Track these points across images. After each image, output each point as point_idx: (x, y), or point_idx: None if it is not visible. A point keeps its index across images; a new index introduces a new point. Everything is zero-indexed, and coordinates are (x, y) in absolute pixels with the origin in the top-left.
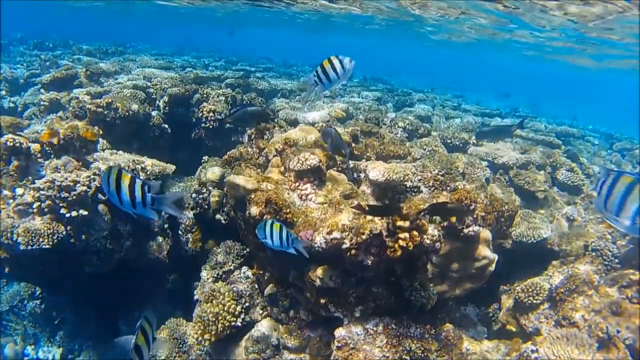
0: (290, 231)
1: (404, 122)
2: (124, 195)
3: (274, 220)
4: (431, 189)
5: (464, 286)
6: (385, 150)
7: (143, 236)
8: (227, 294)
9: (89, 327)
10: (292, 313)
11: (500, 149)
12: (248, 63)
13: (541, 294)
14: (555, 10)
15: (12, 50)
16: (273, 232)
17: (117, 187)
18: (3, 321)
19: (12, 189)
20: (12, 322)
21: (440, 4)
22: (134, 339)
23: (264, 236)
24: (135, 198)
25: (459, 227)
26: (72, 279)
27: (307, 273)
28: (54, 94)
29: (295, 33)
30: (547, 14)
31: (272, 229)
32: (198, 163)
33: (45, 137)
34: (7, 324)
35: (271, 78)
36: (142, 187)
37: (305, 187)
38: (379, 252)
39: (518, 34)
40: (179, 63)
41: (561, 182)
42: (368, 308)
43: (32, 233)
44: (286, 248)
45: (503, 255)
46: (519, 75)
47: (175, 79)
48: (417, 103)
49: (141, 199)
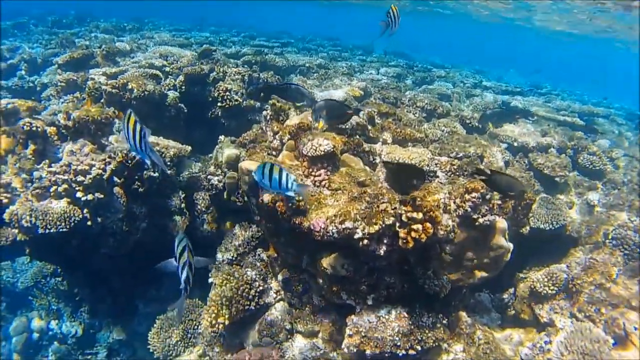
0: (291, 174)
1: (423, 102)
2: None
3: (273, 164)
4: (448, 173)
5: (479, 275)
6: (402, 134)
7: (159, 217)
8: (241, 277)
9: (107, 304)
10: (305, 298)
11: (520, 130)
12: (266, 38)
13: (557, 284)
14: None
15: (32, 28)
16: (273, 175)
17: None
18: (29, 296)
19: (30, 173)
20: (37, 297)
21: None
22: (186, 258)
23: (262, 178)
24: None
25: (474, 217)
26: (90, 259)
27: (319, 260)
28: (70, 75)
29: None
30: None
31: (271, 171)
32: (214, 142)
33: (62, 119)
34: (32, 299)
35: (289, 54)
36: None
37: (319, 173)
38: (392, 242)
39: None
40: (196, 39)
41: (582, 166)
42: (380, 296)
43: (50, 216)
44: (285, 191)
45: (520, 241)
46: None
47: (191, 58)
48: (436, 80)
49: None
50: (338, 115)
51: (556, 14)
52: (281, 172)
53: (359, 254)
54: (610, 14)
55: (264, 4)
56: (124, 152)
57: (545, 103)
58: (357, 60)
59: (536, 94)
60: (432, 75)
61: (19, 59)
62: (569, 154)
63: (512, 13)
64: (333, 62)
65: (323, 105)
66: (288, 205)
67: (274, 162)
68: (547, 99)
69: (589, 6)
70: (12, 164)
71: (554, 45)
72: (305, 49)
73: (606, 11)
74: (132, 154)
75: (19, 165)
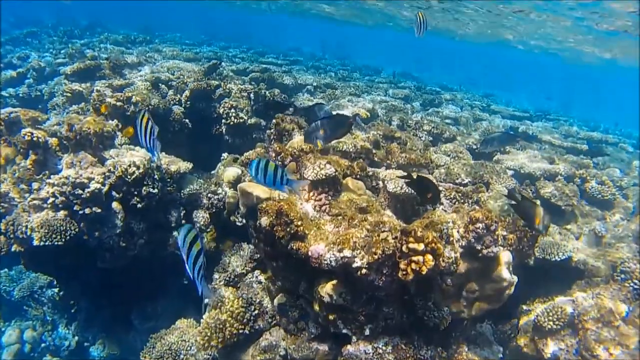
0: (286, 170)
1: (429, 125)
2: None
3: (268, 159)
4: (452, 200)
5: (481, 307)
6: (407, 159)
7: (158, 233)
8: (237, 301)
9: (103, 318)
10: (300, 325)
11: (527, 157)
12: (275, 55)
13: (562, 319)
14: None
15: (44, 38)
16: (268, 171)
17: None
18: (24, 306)
19: (29, 183)
20: (32, 307)
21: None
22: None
23: (256, 174)
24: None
25: (478, 248)
26: (86, 273)
27: (316, 287)
28: (76, 86)
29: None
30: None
31: (266, 166)
32: (218, 158)
33: (64, 130)
34: (27, 309)
35: (297, 72)
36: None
37: (320, 197)
38: (391, 273)
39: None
40: (205, 54)
41: (590, 195)
42: (378, 327)
43: (45, 229)
44: (279, 187)
45: (524, 272)
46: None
47: (197, 73)
48: (444, 103)
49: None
50: (338, 128)
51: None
52: (276, 168)
53: (357, 282)
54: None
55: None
56: (124, 166)
57: (554, 128)
58: (366, 81)
59: (545, 119)
60: (440, 98)
61: (27, 68)
62: (577, 183)
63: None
64: (341, 82)
65: (319, 125)
66: (286, 230)
67: None
68: (556, 124)
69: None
70: (12, 174)
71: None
72: (314, 67)
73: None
74: (131, 169)
75: (18, 175)
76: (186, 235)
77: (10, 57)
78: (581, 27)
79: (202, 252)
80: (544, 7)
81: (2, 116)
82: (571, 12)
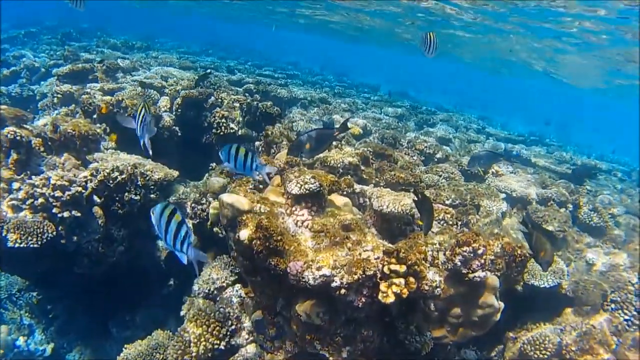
0: (257, 156)
1: (422, 145)
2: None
3: (240, 145)
4: (441, 222)
5: (465, 333)
6: (396, 177)
7: (139, 241)
8: (213, 314)
9: (80, 325)
10: (277, 343)
11: (520, 182)
12: (273, 68)
13: (549, 349)
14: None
15: (42, 38)
16: (238, 156)
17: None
18: (0, 309)
19: (9, 183)
20: (9, 310)
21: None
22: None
23: (227, 158)
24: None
25: (464, 272)
26: (64, 278)
27: (294, 305)
28: (67, 87)
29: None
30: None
31: (237, 152)
32: (207, 168)
33: (49, 131)
34: (3, 312)
35: (293, 86)
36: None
37: (302, 212)
38: (371, 294)
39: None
40: (202, 64)
41: (582, 222)
42: (357, 349)
43: (21, 230)
44: (248, 172)
45: (512, 298)
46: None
47: (188, 81)
48: (439, 123)
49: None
50: (322, 142)
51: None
52: (246, 153)
53: (336, 302)
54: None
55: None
56: (107, 171)
57: (548, 153)
58: (362, 98)
59: (539, 143)
60: (435, 119)
61: (21, 67)
62: (569, 209)
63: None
64: (336, 98)
65: (305, 139)
66: (265, 245)
67: (258, 198)
68: (550, 149)
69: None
70: None
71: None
72: (310, 82)
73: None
74: (114, 174)
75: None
76: (163, 210)
77: (6, 55)
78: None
79: (184, 221)
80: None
81: None
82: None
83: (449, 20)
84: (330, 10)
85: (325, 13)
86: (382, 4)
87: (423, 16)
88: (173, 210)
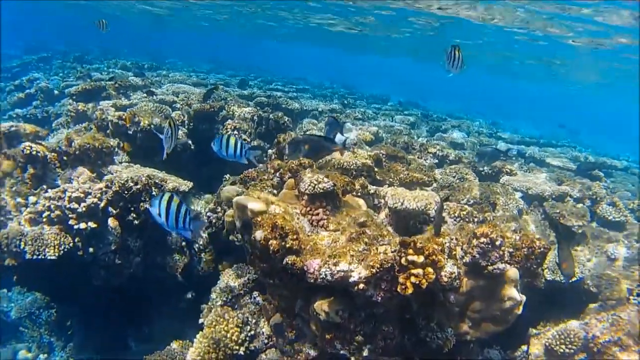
0: (245, 143)
1: (435, 147)
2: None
3: (230, 134)
4: (456, 219)
5: (487, 328)
6: (409, 177)
7: (156, 253)
8: (232, 320)
9: (98, 340)
10: (297, 346)
11: (535, 179)
12: (282, 83)
13: (575, 343)
14: None
15: (54, 62)
16: (229, 144)
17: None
18: (20, 327)
19: (25, 197)
20: (29, 328)
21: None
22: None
23: (219, 148)
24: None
25: (483, 264)
26: (81, 291)
27: (312, 304)
28: (80, 105)
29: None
30: None
31: (228, 141)
32: (220, 180)
33: (64, 146)
34: (24, 331)
35: (304, 99)
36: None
37: (317, 212)
38: (390, 288)
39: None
40: (212, 80)
41: (601, 217)
42: (377, 347)
43: (39, 243)
44: (239, 159)
45: (533, 294)
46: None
47: (197, 95)
48: (451, 129)
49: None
50: (318, 150)
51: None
52: (236, 141)
53: (355, 299)
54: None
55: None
56: (122, 181)
57: (561, 153)
58: (372, 108)
59: (552, 145)
60: (446, 125)
61: (35, 89)
62: (587, 204)
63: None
64: (347, 109)
65: (302, 139)
66: (281, 244)
67: (272, 199)
68: (563, 150)
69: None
70: (9, 187)
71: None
72: (320, 95)
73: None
74: (129, 185)
75: (15, 189)
76: (161, 198)
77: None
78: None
79: (182, 202)
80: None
81: (3, 129)
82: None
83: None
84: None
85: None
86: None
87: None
88: (171, 196)
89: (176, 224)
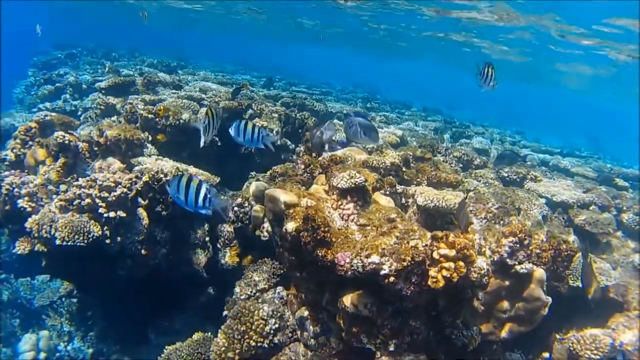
0: (262, 128)
1: (460, 152)
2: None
3: (247, 120)
4: (483, 220)
5: (512, 329)
6: (437, 177)
7: (181, 245)
8: (257, 312)
9: (119, 330)
10: (322, 340)
11: (559, 186)
12: (307, 86)
13: (601, 349)
14: None
15: (82, 58)
16: (247, 130)
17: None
18: (42, 315)
19: (57, 185)
20: (50, 317)
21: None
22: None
23: (237, 134)
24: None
25: (511, 263)
26: (106, 280)
27: (341, 297)
28: (110, 99)
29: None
30: None
31: (245, 126)
32: (246, 177)
33: (95, 136)
34: (45, 319)
35: (329, 102)
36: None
37: (348, 206)
38: (420, 282)
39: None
40: (238, 81)
41: (627, 226)
42: (403, 342)
43: (69, 229)
44: (256, 144)
45: (557, 299)
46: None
47: (225, 93)
48: (474, 136)
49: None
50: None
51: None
52: (254, 127)
53: (384, 292)
54: None
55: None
56: (152, 172)
57: (586, 163)
58: (396, 113)
59: (575, 155)
60: (470, 131)
61: (65, 84)
62: (612, 213)
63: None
64: (371, 112)
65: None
66: (313, 236)
67: (303, 193)
68: (587, 160)
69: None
70: (42, 175)
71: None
72: (344, 99)
73: None
74: (159, 176)
75: (47, 177)
76: (181, 178)
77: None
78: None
79: (201, 182)
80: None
81: (37, 119)
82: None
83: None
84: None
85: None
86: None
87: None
88: (190, 176)
89: (195, 203)
